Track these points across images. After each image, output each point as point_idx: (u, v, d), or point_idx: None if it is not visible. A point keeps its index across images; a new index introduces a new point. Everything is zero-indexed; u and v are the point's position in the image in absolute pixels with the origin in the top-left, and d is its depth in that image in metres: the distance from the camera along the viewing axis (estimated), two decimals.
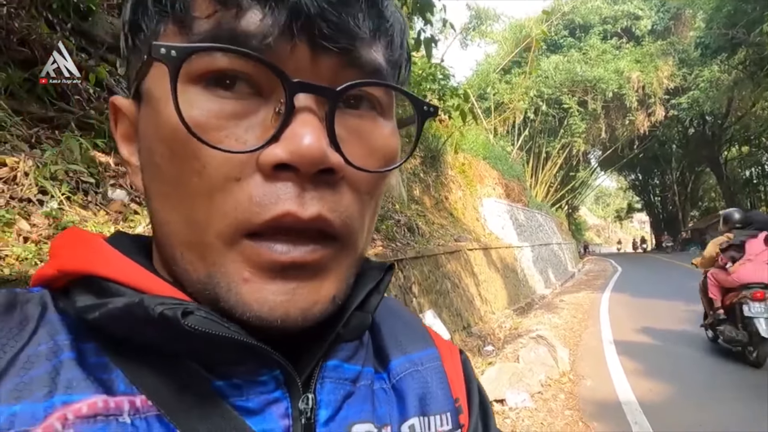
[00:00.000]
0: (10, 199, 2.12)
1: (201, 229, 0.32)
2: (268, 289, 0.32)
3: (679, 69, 26.79)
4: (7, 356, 0.30)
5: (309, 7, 0.30)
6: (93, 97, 3.96)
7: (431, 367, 0.45)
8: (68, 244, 0.36)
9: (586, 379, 4.83)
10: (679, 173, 40.12)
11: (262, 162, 0.31)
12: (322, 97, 0.31)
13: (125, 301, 0.31)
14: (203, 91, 0.31)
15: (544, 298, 11.64)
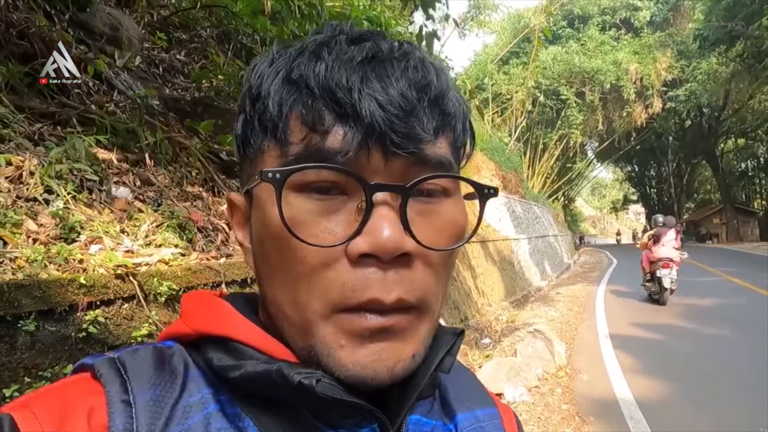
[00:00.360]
0: (16, 198, 2.12)
1: (302, 308, 0.39)
2: (360, 352, 0.38)
3: (677, 61, 26.76)
4: (168, 405, 0.37)
5: (380, 124, 0.36)
6: (92, 90, 3.94)
7: (493, 425, 0.50)
8: (200, 308, 0.43)
9: (583, 373, 4.90)
10: (675, 165, 40.25)
11: (349, 252, 0.37)
12: (396, 192, 0.37)
13: (265, 367, 0.37)
14: (301, 196, 0.38)
15: (541, 290, 11.73)
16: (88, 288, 1.57)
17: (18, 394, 1.31)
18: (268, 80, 0.41)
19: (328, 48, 0.40)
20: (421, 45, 4.95)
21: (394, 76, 0.38)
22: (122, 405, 0.36)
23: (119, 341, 1.64)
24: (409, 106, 0.38)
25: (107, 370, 0.38)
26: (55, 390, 0.38)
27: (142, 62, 4.83)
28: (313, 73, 0.38)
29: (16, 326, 1.35)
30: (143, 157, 3.33)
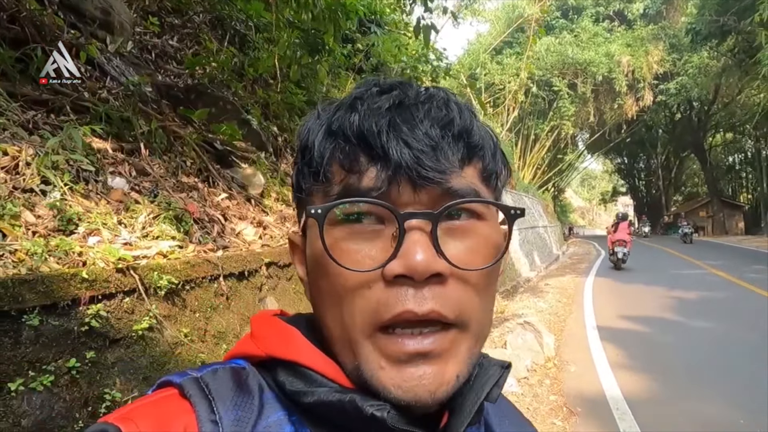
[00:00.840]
0: (13, 189, 2.11)
1: (348, 327, 0.42)
2: (400, 376, 0.41)
3: (669, 54, 26.87)
4: (249, 425, 0.40)
5: (407, 161, 0.41)
6: (85, 76, 3.89)
7: None
8: (270, 332, 0.48)
9: (571, 365, 4.99)
10: (664, 158, 40.61)
11: (385, 274, 0.40)
12: (426, 219, 0.41)
13: (338, 396, 0.41)
14: (341, 228, 0.43)
15: (530, 281, 11.85)
16: (90, 282, 1.58)
17: (24, 388, 1.33)
18: (314, 133, 0.46)
19: (361, 100, 0.45)
20: (418, 37, 4.93)
21: (418, 118, 0.43)
22: (211, 424, 0.39)
23: (120, 335, 1.66)
24: (433, 142, 0.42)
25: (195, 391, 0.41)
26: (152, 405, 0.41)
27: (134, 47, 4.76)
28: (348, 123, 0.43)
29: (20, 321, 1.36)
30: (138, 147, 3.31)
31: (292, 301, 2.87)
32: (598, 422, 3.65)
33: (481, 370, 0.49)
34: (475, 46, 27.22)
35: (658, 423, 3.60)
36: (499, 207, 0.46)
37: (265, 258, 2.70)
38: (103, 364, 1.56)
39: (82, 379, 1.48)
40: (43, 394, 1.37)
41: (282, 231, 3.65)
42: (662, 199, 41.65)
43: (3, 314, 1.33)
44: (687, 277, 11.18)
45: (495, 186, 0.49)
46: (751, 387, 4.17)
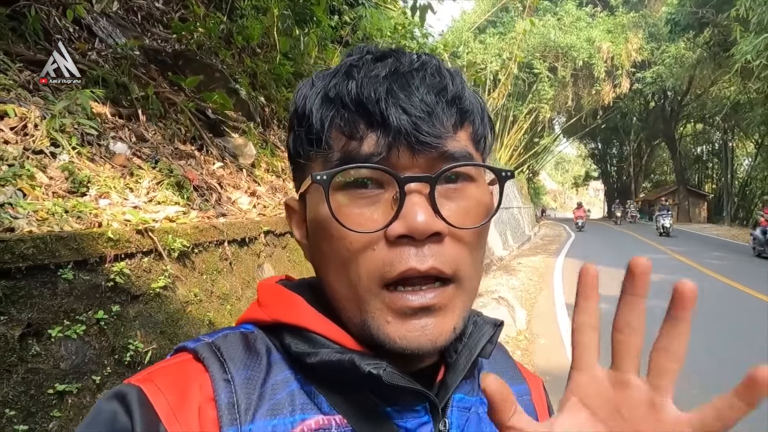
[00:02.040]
0: (24, 150, 2.17)
1: (354, 286, 0.45)
2: (405, 327, 0.44)
3: (647, 43, 27.28)
4: (259, 383, 0.44)
5: (405, 127, 0.43)
6: (74, 37, 3.86)
7: (521, 401, 0.55)
8: (276, 299, 0.50)
9: (540, 338, 5.31)
10: (636, 145, 41.54)
11: (388, 235, 0.43)
12: (424, 182, 0.44)
13: (338, 356, 0.44)
14: (344, 193, 0.45)
15: (502, 259, 12.21)
16: (115, 242, 1.69)
17: (61, 335, 1.45)
18: (311, 100, 0.48)
19: (357, 68, 0.47)
20: (414, 17, 5.00)
21: (414, 85, 0.45)
22: (224, 383, 0.42)
23: (140, 291, 1.78)
24: (429, 108, 0.44)
25: (208, 354, 0.44)
26: (170, 368, 0.44)
27: (120, 8, 4.70)
28: (346, 90, 0.45)
29: (56, 274, 1.47)
30: (135, 112, 3.34)
31: (286, 269, 3.01)
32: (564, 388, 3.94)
33: (476, 327, 0.53)
34: (459, 23, 27.09)
35: None
36: (491, 169, 0.49)
37: (264, 226, 2.82)
38: (126, 318, 1.68)
39: (108, 329, 1.60)
40: (77, 341, 1.49)
41: (274, 201, 3.75)
42: (632, 186, 42.80)
43: (43, 267, 1.44)
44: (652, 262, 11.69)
45: (483, 149, 0.51)
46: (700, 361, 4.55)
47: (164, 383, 0.42)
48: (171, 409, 0.40)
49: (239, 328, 0.49)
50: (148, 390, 0.41)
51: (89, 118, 2.69)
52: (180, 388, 0.42)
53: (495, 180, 0.51)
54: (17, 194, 1.82)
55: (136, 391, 0.41)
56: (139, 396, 0.41)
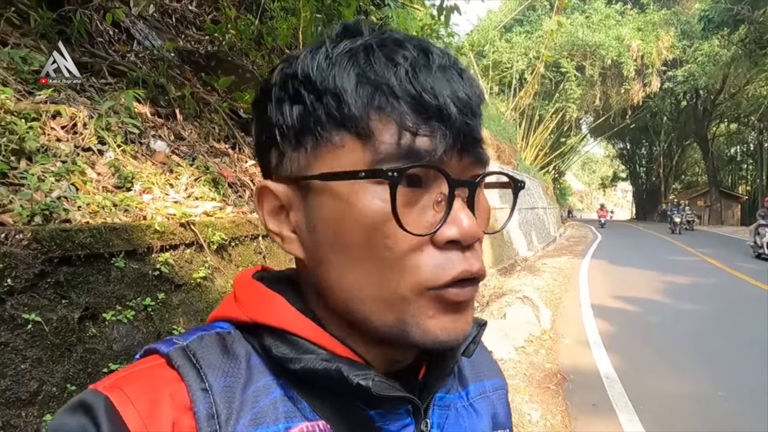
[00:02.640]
0: (75, 147, 2.31)
1: (394, 286, 0.42)
2: (445, 320, 0.43)
3: (679, 41, 26.63)
4: (239, 391, 0.41)
5: (464, 129, 0.42)
6: (113, 39, 4.03)
7: (497, 395, 0.60)
8: (255, 299, 0.47)
9: (565, 337, 5.29)
10: (666, 145, 40.61)
11: (437, 239, 0.42)
12: (466, 187, 0.43)
13: (325, 365, 0.42)
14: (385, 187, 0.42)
15: (527, 260, 12.13)
16: (161, 234, 1.80)
17: (114, 319, 1.56)
18: (338, 76, 0.42)
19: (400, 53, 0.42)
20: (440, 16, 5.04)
21: (459, 82, 0.43)
22: (202, 392, 0.40)
23: (183, 281, 1.89)
24: (474, 109, 0.43)
25: (183, 361, 0.41)
26: (140, 374, 0.41)
27: (156, 11, 4.87)
28: (394, 76, 0.41)
29: (110, 262, 1.59)
30: (173, 112, 3.49)
31: None
32: (589, 388, 3.95)
33: None
34: (485, 22, 26.92)
35: (645, 391, 3.90)
36: (511, 179, 0.49)
37: None
38: (170, 305, 1.79)
39: (155, 315, 1.71)
40: (127, 325, 1.61)
41: None
42: (662, 187, 41.84)
43: (98, 256, 1.55)
44: (680, 264, 11.48)
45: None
46: (731, 364, 4.48)
47: (134, 392, 0.39)
48: (142, 421, 0.38)
49: (214, 328, 0.46)
50: (117, 399, 0.38)
51: (132, 118, 2.83)
52: (151, 397, 0.39)
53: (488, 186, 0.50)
54: (71, 188, 1.95)
55: (104, 401, 0.38)
56: (107, 407, 0.38)
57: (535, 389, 3.87)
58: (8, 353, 1.26)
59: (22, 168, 1.92)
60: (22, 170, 1.90)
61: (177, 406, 0.39)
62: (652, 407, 3.65)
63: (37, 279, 1.37)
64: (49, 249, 1.40)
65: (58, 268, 1.44)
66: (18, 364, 1.28)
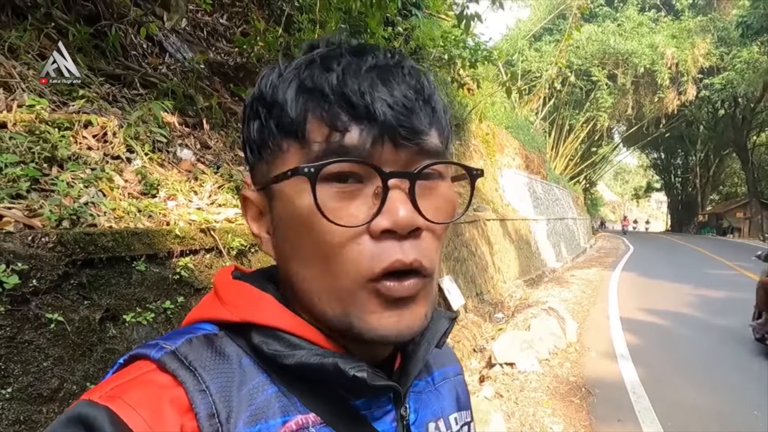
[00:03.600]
0: (104, 155, 2.40)
1: (336, 278, 0.45)
2: (386, 315, 0.45)
3: (716, 48, 25.88)
4: (234, 390, 0.43)
5: (391, 121, 0.43)
6: (147, 52, 4.18)
7: (457, 379, 0.66)
8: (243, 299, 0.49)
9: (591, 351, 5.17)
10: (703, 155, 39.37)
11: (372, 229, 0.44)
12: (405, 178, 0.45)
13: (320, 359, 0.44)
14: (325, 186, 0.44)
15: (555, 271, 11.92)
16: (181, 239, 1.85)
17: (134, 320, 1.61)
18: (283, 90, 0.46)
19: (334, 59, 0.46)
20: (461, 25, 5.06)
21: (395, 81, 0.45)
22: (200, 394, 0.41)
23: (202, 285, 1.94)
24: (411, 105, 0.45)
25: (176, 365, 0.42)
26: (135, 382, 0.42)
27: (188, 25, 5.03)
28: (327, 81, 0.44)
29: (131, 265, 1.65)
30: (200, 121, 3.59)
31: None
32: (615, 402, 3.84)
33: (432, 321, 0.53)
34: (514, 32, 26.78)
35: (673, 407, 3.77)
36: (464, 167, 0.51)
37: None
38: (189, 308, 1.83)
39: (174, 318, 1.76)
40: (147, 327, 1.65)
41: None
42: (698, 198, 40.53)
43: (119, 259, 1.61)
44: (716, 277, 11.08)
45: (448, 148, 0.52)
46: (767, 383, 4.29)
47: (134, 399, 0.39)
48: (149, 427, 0.38)
49: (200, 330, 0.47)
50: (119, 409, 0.38)
51: (160, 127, 2.93)
52: (153, 403, 0.40)
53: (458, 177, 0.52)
54: (98, 194, 2.03)
55: (105, 413, 0.38)
56: (111, 417, 0.38)
57: (558, 403, 3.78)
58: (31, 351, 1.32)
59: (54, 174, 2.01)
60: (53, 177, 1.99)
61: (179, 410, 0.40)
62: (679, 424, 3.52)
63: (61, 280, 1.43)
64: (73, 252, 1.46)
65: (82, 270, 1.50)
66: (41, 361, 1.34)
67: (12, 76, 2.46)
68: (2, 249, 1.30)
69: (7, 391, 1.25)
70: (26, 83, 2.49)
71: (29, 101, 2.28)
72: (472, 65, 8.74)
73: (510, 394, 3.87)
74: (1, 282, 1.25)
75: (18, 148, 1.97)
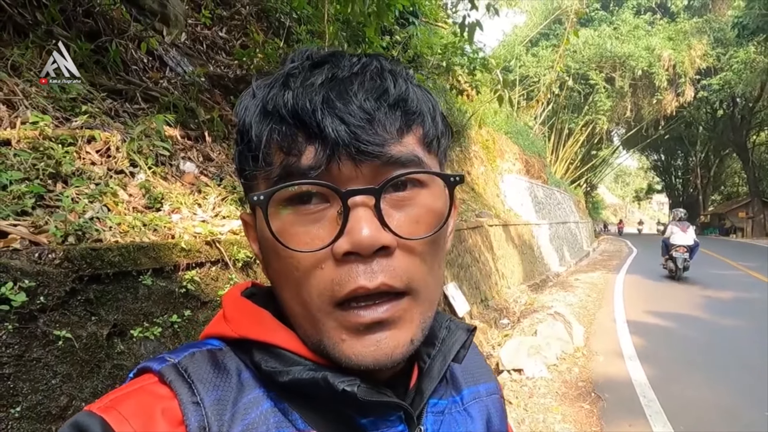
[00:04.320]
0: (108, 170, 2.40)
1: (306, 305, 0.44)
2: (360, 344, 0.42)
3: (713, 49, 26.00)
4: (229, 404, 0.42)
5: (344, 137, 0.41)
6: (147, 66, 4.20)
7: (491, 399, 0.60)
8: (243, 315, 0.48)
9: (599, 355, 5.13)
10: (703, 156, 39.39)
11: (334, 252, 0.41)
12: (368, 194, 0.42)
13: (312, 375, 0.43)
14: (287, 210, 0.43)
15: (559, 275, 11.87)
16: (187, 252, 1.85)
17: (141, 335, 1.60)
18: (249, 113, 0.45)
19: (293, 77, 0.44)
20: (463, 33, 5.08)
21: (352, 91, 0.42)
22: (193, 406, 0.41)
23: (208, 298, 1.93)
24: (369, 115, 0.42)
25: (174, 376, 0.42)
26: (134, 394, 0.42)
27: (187, 39, 5.06)
28: (282, 101, 0.43)
29: (138, 280, 1.64)
30: (202, 134, 3.60)
31: None
32: (626, 407, 3.80)
33: (449, 333, 0.52)
34: (511, 38, 26.91)
35: (684, 411, 3.73)
36: (438, 175, 0.46)
37: None
38: (196, 322, 1.83)
39: (181, 332, 1.75)
40: (154, 342, 1.64)
41: None
42: (700, 198, 40.49)
43: (126, 274, 1.60)
44: (722, 278, 11.03)
45: (437, 150, 0.49)
46: None
47: (128, 410, 0.40)
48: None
49: (206, 345, 0.47)
50: (112, 420, 0.39)
51: (162, 141, 2.94)
52: (145, 414, 0.40)
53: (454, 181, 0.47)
54: (103, 209, 2.02)
55: (99, 423, 0.39)
56: (103, 427, 0.39)
57: (568, 408, 3.75)
58: (40, 369, 1.31)
59: (58, 190, 2.01)
60: (57, 193, 1.99)
61: (169, 421, 0.40)
62: (691, 426, 3.49)
63: (68, 296, 1.42)
64: (80, 267, 1.46)
65: (88, 285, 1.49)
66: (49, 379, 1.33)
67: (15, 93, 2.47)
68: (9, 266, 1.29)
69: (17, 410, 1.24)
70: (29, 100, 2.50)
71: (33, 118, 2.29)
72: (470, 72, 8.78)
73: (519, 400, 3.84)
74: (9, 300, 1.25)
75: (22, 164, 1.97)
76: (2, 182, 1.75)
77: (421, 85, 0.49)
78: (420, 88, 0.48)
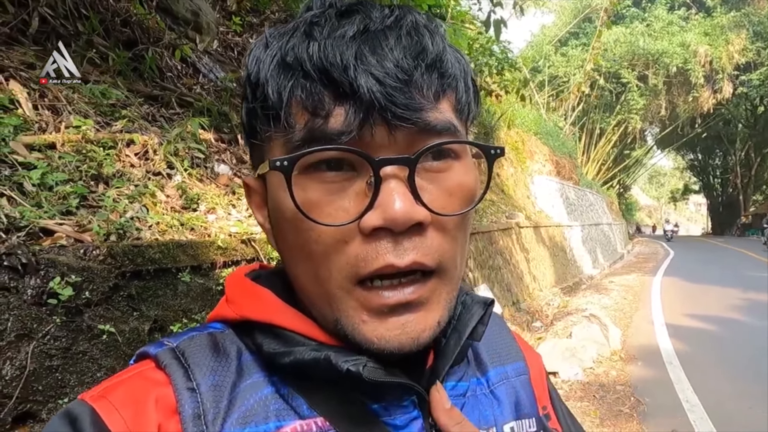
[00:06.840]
0: (146, 172, 2.47)
1: (324, 282, 0.40)
2: (383, 326, 0.39)
3: (752, 43, 25.04)
4: (228, 389, 0.40)
5: (379, 99, 0.36)
6: (181, 73, 4.31)
7: (519, 380, 0.53)
8: (244, 295, 0.45)
9: (638, 358, 4.98)
10: (743, 154, 37.94)
11: (362, 227, 0.38)
12: (402, 164, 0.38)
13: (313, 355, 0.40)
14: (312, 178, 0.39)
15: (592, 278, 11.62)
16: (223, 250, 1.88)
17: (180, 331, 1.63)
18: (265, 66, 0.40)
19: (318, 26, 0.39)
20: (488, 32, 5.04)
21: (388, 47, 0.38)
22: (188, 392, 0.38)
23: None
24: (407, 75, 0.37)
25: (170, 361, 0.40)
26: (128, 382, 0.40)
27: (219, 46, 5.18)
28: (307, 54, 0.38)
29: (177, 277, 1.67)
30: (235, 137, 3.67)
31: None
32: (667, 412, 3.68)
33: (465, 309, 0.48)
34: (539, 38, 26.56)
35: (730, 417, 3.58)
36: (479, 146, 0.43)
37: None
38: None
39: None
40: None
41: None
42: (740, 198, 38.99)
43: (165, 271, 1.64)
44: (764, 280, 10.59)
45: (467, 119, 0.45)
46: None
47: (119, 399, 0.38)
48: (128, 428, 0.37)
49: (207, 328, 0.45)
50: (101, 409, 0.38)
51: (198, 143, 3.00)
52: (137, 402, 0.38)
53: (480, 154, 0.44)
54: (142, 209, 2.08)
55: (89, 412, 0.38)
56: (92, 417, 0.37)
57: (606, 412, 3.65)
58: (86, 362, 1.34)
59: (100, 191, 2.07)
60: (99, 193, 2.05)
61: (162, 409, 0.38)
62: None
63: (111, 292, 1.46)
64: (122, 264, 1.50)
65: (130, 282, 1.53)
66: (94, 372, 1.36)
67: (59, 99, 2.56)
68: (57, 262, 1.34)
69: (64, 401, 1.28)
70: (72, 105, 2.60)
71: (75, 122, 2.37)
72: (499, 72, 8.69)
73: None
74: (57, 294, 1.29)
75: (67, 166, 2.05)
76: (49, 183, 1.82)
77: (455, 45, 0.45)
78: (452, 47, 0.43)
